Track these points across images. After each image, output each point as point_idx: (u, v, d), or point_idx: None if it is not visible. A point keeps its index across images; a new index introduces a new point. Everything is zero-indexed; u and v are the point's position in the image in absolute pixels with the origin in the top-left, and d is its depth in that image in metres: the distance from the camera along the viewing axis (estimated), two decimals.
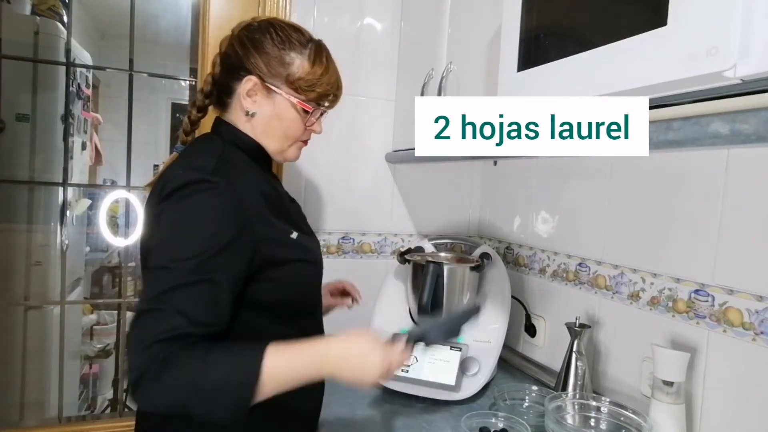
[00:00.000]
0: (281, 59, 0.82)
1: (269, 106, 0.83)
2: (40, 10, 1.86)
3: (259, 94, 0.82)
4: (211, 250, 0.68)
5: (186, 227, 0.70)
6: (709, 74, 0.49)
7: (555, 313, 1.29)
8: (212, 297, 0.67)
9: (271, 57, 0.81)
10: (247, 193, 0.75)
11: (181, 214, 0.70)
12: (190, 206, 0.70)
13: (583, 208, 1.20)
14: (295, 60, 0.82)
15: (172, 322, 0.63)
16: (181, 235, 0.69)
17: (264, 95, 0.82)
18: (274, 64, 0.81)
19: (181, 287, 0.65)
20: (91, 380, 2.50)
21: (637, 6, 0.59)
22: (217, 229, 0.70)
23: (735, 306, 0.85)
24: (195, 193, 0.71)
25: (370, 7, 1.52)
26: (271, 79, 0.82)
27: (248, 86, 0.81)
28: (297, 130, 0.86)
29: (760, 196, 0.82)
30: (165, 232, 0.71)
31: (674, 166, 0.97)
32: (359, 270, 1.54)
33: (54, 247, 1.81)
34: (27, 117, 1.74)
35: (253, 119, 0.83)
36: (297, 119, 0.85)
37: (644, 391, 1.00)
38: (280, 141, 0.86)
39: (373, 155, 1.56)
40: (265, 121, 0.84)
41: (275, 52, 0.81)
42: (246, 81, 0.81)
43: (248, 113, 0.83)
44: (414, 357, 1.17)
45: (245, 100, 0.82)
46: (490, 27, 1.03)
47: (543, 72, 0.73)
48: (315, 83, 0.83)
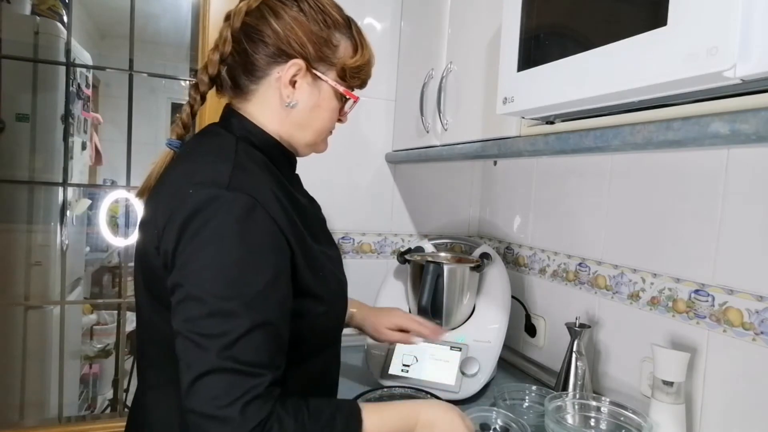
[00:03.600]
0: (328, 40, 0.70)
1: (313, 95, 0.71)
2: (40, 10, 1.86)
3: (303, 81, 0.70)
4: (257, 284, 0.58)
5: (227, 264, 0.58)
6: (709, 74, 0.49)
7: (555, 313, 1.29)
8: (274, 340, 0.59)
9: (318, 36, 0.69)
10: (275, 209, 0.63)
11: (216, 246, 0.58)
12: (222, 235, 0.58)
13: (583, 208, 1.20)
14: (341, 42, 0.71)
15: (247, 383, 0.55)
16: (221, 274, 0.57)
17: (309, 83, 0.70)
18: (321, 45, 0.69)
19: (242, 338, 0.56)
20: (91, 380, 2.50)
21: (637, 6, 0.59)
22: (258, 257, 0.59)
23: (735, 306, 0.85)
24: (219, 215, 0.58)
25: (370, 7, 1.52)
26: (318, 63, 0.70)
27: (292, 72, 0.68)
28: (334, 120, 0.76)
29: (760, 196, 0.82)
30: (201, 270, 0.57)
31: (674, 166, 0.97)
32: (359, 270, 1.54)
33: (54, 247, 1.81)
34: (27, 117, 1.74)
35: (291, 110, 0.71)
36: (336, 109, 0.75)
37: (644, 391, 1.00)
38: (317, 134, 0.75)
39: (373, 155, 1.56)
40: (305, 112, 0.72)
41: (321, 30, 0.69)
42: (291, 66, 0.68)
43: (288, 104, 0.70)
44: (414, 357, 1.17)
45: (286, 89, 0.69)
46: (490, 27, 1.03)
47: (543, 72, 0.73)
48: (362, 69, 0.73)
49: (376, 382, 1.17)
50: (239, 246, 0.58)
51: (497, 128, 0.99)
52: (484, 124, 1.04)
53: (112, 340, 2.57)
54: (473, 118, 1.08)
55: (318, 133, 0.75)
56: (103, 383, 2.57)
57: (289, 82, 0.69)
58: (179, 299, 0.58)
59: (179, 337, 0.57)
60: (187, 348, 0.56)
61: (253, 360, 0.56)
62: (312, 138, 0.75)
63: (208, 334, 0.55)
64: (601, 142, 0.70)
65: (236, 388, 0.54)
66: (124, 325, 1.81)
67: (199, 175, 0.62)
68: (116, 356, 2.47)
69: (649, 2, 0.56)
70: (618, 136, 0.67)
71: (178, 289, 0.58)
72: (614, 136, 0.68)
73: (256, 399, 0.55)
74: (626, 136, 0.66)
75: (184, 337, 0.57)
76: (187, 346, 0.56)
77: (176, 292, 0.59)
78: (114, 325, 2.59)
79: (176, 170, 0.67)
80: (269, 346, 0.58)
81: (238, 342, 0.55)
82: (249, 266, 0.58)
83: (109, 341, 2.59)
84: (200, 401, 0.54)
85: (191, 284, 0.57)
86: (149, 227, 0.65)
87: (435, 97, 1.20)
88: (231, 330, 0.55)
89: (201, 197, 0.59)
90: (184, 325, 0.57)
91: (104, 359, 2.55)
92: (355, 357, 1.33)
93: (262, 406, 0.55)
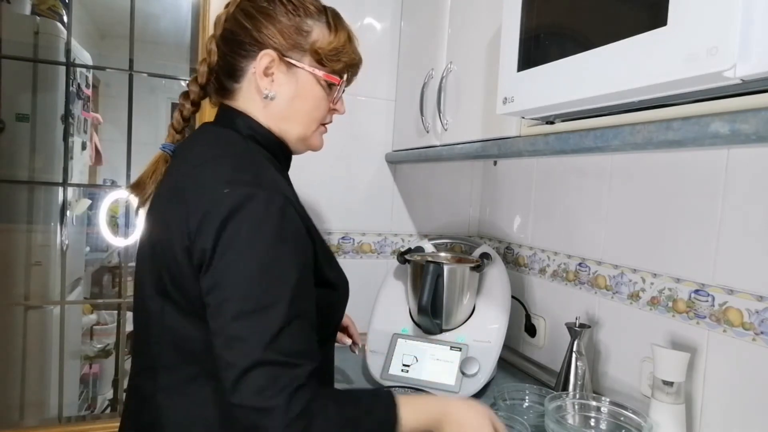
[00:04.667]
0: (299, 27, 0.71)
1: (291, 84, 0.72)
2: (40, 10, 1.86)
3: (278, 71, 0.71)
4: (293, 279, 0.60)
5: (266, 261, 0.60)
6: (709, 74, 0.49)
7: (555, 313, 1.29)
8: (309, 330, 0.62)
9: (287, 26, 0.70)
10: (298, 205, 0.66)
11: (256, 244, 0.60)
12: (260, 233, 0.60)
13: (583, 208, 1.20)
14: (313, 27, 0.72)
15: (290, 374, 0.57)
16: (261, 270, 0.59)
17: (284, 72, 0.71)
18: (291, 33, 0.70)
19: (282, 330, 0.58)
20: (91, 380, 2.50)
21: (637, 6, 0.59)
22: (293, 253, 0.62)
23: (735, 306, 0.85)
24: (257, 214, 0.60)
25: (370, 7, 1.52)
26: (291, 51, 0.71)
27: (264, 63, 0.70)
28: (323, 109, 0.76)
29: (760, 196, 0.82)
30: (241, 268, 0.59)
31: (674, 166, 0.97)
32: (359, 270, 1.54)
33: (54, 247, 1.81)
34: (27, 117, 1.74)
35: (272, 103, 0.72)
36: (322, 96, 0.75)
37: (644, 391, 1.00)
38: (305, 125, 0.75)
39: (373, 155, 1.56)
40: (286, 103, 0.72)
41: (291, 20, 0.71)
42: (262, 57, 0.70)
43: (267, 96, 0.71)
44: (414, 357, 1.17)
45: (262, 81, 0.70)
46: (490, 27, 1.03)
47: (543, 72, 0.73)
48: (341, 51, 0.73)
49: (376, 382, 1.17)
50: (276, 243, 0.60)
51: (497, 128, 0.99)
52: (484, 124, 1.04)
53: (112, 340, 2.57)
54: (473, 118, 1.08)
55: (306, 125, 0.76)
56: (103, 383, 2.57)
57: (263, 73, 0.71)
58: (220, 299, 0.59)
59: (220, 336, 0.59)
60: (230, 345, 0.58)
61: (295, 350, 0.58)
62: (301, 130, 0.76)
63: (252, 330, 0.57)
64: (601, 142, 0.70)
65: (281, 379, 0.56)
66: (124, 325, 1.81)
67: (229, 175, 0.64)
68: (116, 356, 2.47)
69: (649, 2, 0.56)
70: (618, 136, 0.67)
71: (216, 288, 0.60)
72: (614, 136, 0.68)
73: (300, 388, 0.57)
74: (626, 136, 0.66)
75: (226, 335, 0.58)
76: (230, 344, 0.58)
77: (214, 291, 0.60)
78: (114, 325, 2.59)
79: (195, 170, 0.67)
80: (307, 336, 0.61)
81: (280, 334, 0.57)
82: (285, 262, 0.61)
83: (109, 341, 2.59)
84: (248, 395, 0.56)
85: (232, 282, 0.59)
86: (172, 228, 0.64)
87: (435, 97, 1.20)
88: (273, 323, 0.57)
89: (238, 197, 0.60)
90: (226, 323, 0.58)
91: (104, 359, 2.55)
92: (355, 357, 1.33)
93: (305, 394, 0.57)
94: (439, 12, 1.25)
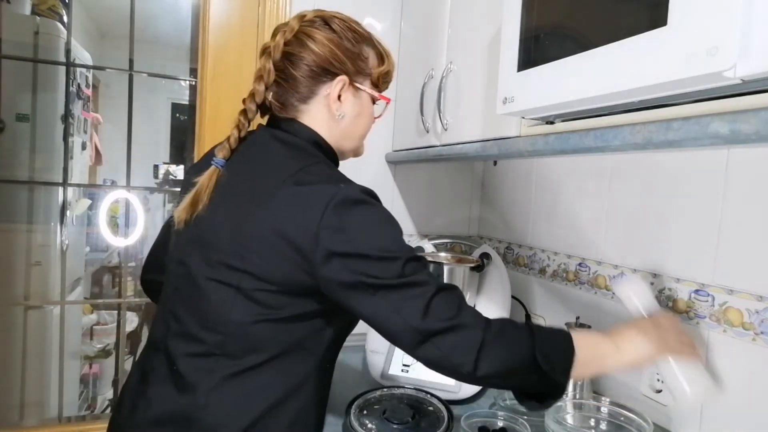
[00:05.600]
0: (361, 54, 0.79)
1: (356, 105, 0.80)
2: (40, 10, 1.86)
3: (347, 93, 0.79)
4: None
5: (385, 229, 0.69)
6: (709, 74, 0.49)
7: (555, 313, 1.28)
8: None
9: (353, 53, 0.78)
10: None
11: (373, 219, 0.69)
12: (371, 211, 0.69)
13: (582, 208, 1.20)
14: (369, 53, 0.81)
15: (459, 293, 0.69)
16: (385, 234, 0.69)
17: (351, 94, 0.80)
18: (356, 60, 0.78)
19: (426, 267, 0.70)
20: (91, 380, 2.49)
21: (637, 6, 0.59)
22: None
23: (735, 306, 0.85)
24: (363, 202, 0.69)
25: (370, 7, 1.52)
26: (356, 76, 0.79)
27: (339, 87, 0.77)
28: (370, 125, 0.86)
29: (760, 196, 0.82)
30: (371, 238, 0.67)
31: (674, 166, 0.97)
32: None
33: (54, 247, 1.81)
34: (27, 117, 1.74)
35: (339, 121, 0.80)
36: (372, 113, 0.84)
37: (644, 391, 1.00)
38: (359, 139, 0.85)
39: (373, 155, 1.55)
40: (351, 122, 0.81)
41: (354, 47, 0.78)
42: (338, 83, 0.77)
43: (339, 116, 0.79)
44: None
45: (335, 103, 0.78)
46: (490, 27, 1.03)
47: (543, 72, 0.73)
48: (389, 74, 0.84)
49: (376, 382, 1.17)
50: (386, 217, 0.70)
51: (497, 128, 0.99)
52: (484, 124, 1.04)
53: (112, 340, 2.57)
54: (473, 118, 1.08)
55: (360, 138, 0.85)
56: (103, 383, 2.57)
57: (336, 97, 0.78)
58: (360, 271, 0.64)
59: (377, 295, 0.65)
60: (396, 297, 0.65)
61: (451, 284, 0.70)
62: (357, 143, 0.85)
63: (408, 275, 0.65)
64: (601, 142, 0.70)
65: (455, 299, 0.67)
66: (124, 325, 1.81)
67: (317, 176, 0.70)
68: (116, 356, 2.47)
69: (649, 2, 0.56)
70: (618, 136, 0.67)
71: (352, 259, 0.65)
72: (614, 136, 0.68)
73: (468, 305, 0.69)
74: (626, 136, 0.66)
75: (385, 290, 0.65)
76: (397, 296, 0.65)
77: (349, 264, 0.65)
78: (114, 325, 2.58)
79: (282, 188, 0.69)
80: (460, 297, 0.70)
81: (429, 270, 0.69)
82: (394, 228, 0.70)
83: (109, 341, 2.59)
84: (438, 321, 0.64)
85: (367, 248, 0.65)
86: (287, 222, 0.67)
87: (435, 97, 1.20)
88: (420, 265, 0.68)
89: (340, 191, 0.66)
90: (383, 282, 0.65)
91: (104, 359, 2.55)
92: (355, 357, 1.33)
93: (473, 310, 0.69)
94: (439, 12, 1.25)
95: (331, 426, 0.99)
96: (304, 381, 0.73)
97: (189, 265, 0.73)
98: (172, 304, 0.76)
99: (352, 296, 0.66)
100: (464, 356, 0.64)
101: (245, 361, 0.69)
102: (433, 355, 0.66)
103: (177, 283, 0.76)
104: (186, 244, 0.75)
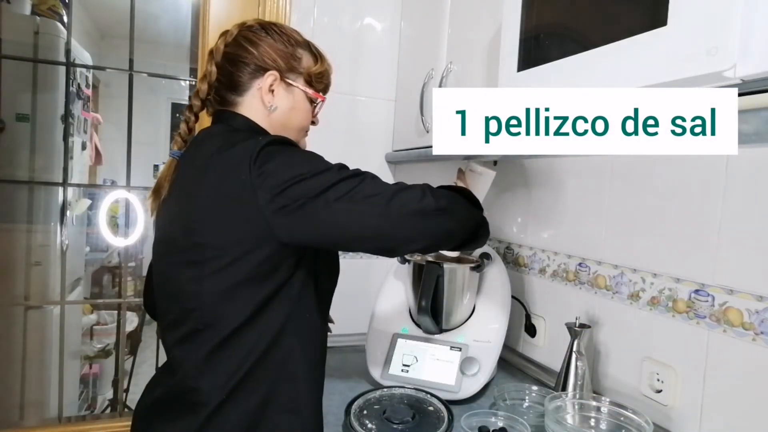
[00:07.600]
0: (294, 55, 0.87)
1: (288, 99, 0.87)
2: (40, 10, 1.86)
3: (278, 88, 0.86)
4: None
5: (320, 158, 0.77)
6: (709, 74, 0.49)
7: (555, 313, 1.29)
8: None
9: (285, 53, 0.86)
10: None
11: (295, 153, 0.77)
12: (304, 151, 0.79)
13: (582, 208, 1.20)
14: (303, 55, 0.89)
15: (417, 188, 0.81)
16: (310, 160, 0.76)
17: (283, 89, 0.87)
18: (289, 59, 0.86)
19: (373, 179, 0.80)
20: (91, 380, 2.50)
21: (637, 6, 0.59)
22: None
23: (735, 306, 0.85)
24: (293, 145, 0.79)
25: (370, 7, 1.52)
26: (288, 73, 0.87)
27: (269, 81, 0.85)
28: (308, 120, 0.92)
29: (760, 196, 0.82)
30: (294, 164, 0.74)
31: (674, 167, 0.97)
32: (359, 270, 1.53)
33: (54, 247, 1.81)
34: (27, 117, 1.74)
35: (273, 114, 0.87)
36: (308, 110, 0.91)
37: (644, 391, 1.00)
38: (297, 133, 0.92)
39: (373, 155, 1.56)
40: (284, 114, 0.88)
41: (287, 48, 0.87)
42: (267, 76, 0.85)
43: (270, 107, 0.86)
44: (414, 357, 1.17)
45: (267, 96, 0.85)
46: (490, 27, 1.03)
47: (543, 72, 0.73)
48: (323, 75, 0.91)
49: (376, 382, 1.17)
50: (308, 151, 0.79)
51: None
52: None
53: (112, 340, 2.57)
54: None
55: (297, 131, 0.92)
56: (103, 383, 2.57)
57: (268, 89, 0.85)
58: (302, 194, 0.71)
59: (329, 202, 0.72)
60: (345, 189, 0.73)
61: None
62: (295, 137, 0.90)
63: (346, 173, 0.76)
64: None
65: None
66: (124, 325, 1.81)
67: (240, 140, 0.77)
68: (116, 356, 2.47)
69: (649, 2, 0.56)
70: None
71: (291, 189, 0.71)
72: None
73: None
74: None
75: (333, 191, 0.72)
76: (345, 187, 0.74)
77: (291, 194, 0.70)
78: (114, 325, 2.59)
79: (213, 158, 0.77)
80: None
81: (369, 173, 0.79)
82: (317, 155, 0.78)
83: (109, 341, 2.59)
84: (408, 208, 0.77)
85: (298, 172, 0.72)
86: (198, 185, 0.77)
87: None
88: (360, 171, 0.79)
89: (260, 142, 0.73)
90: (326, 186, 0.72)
91: (104, 359, 2.55)
92: (355, 357, 1.34)
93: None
94: (439, 12, 1.25)
95: (331, 426, 0.99)
96: (283, 327, 0.77)
97: (162, 261, 0.83)
98: (163, 304, 0.83)
99: (309, 221, 0.71)
100: (423, 197, 0.79)
101: (224, 327, 0.74)
102: (404, 207, 0.76)
103: (158, 281, 0.84)
104: (157, 244, 0.84)
